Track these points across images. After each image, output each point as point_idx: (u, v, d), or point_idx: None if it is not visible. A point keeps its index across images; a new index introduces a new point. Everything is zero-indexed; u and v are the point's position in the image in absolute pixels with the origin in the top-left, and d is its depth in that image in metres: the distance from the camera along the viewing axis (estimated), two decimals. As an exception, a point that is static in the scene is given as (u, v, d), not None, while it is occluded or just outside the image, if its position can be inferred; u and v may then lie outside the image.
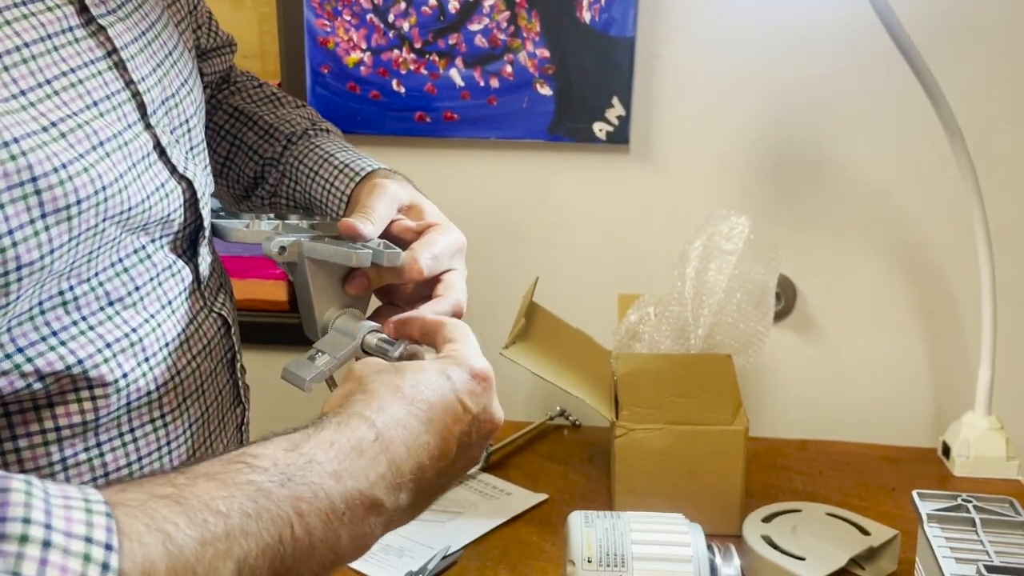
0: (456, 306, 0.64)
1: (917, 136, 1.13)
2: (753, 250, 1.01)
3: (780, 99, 1.15)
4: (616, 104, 1.15)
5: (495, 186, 1.22)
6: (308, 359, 0.62)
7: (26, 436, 0.52)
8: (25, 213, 0.46)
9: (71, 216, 0.49)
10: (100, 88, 0.53)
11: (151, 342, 0.57)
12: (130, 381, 0.55)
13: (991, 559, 0.65)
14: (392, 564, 0.86)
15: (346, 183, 0.71)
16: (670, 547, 0.70)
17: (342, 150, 0.74)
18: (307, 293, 0.64)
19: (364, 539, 0.47)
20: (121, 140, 0.53)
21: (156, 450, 0.59)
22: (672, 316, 1.03)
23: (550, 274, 1.19)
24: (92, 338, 0.53)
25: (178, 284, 0.60)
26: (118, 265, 0.55)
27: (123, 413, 0.56)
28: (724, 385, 0.95)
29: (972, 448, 1.06)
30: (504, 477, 1.04)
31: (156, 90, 0.59)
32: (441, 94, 1.18)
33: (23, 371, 0.50)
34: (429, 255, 0.64)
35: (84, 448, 0.55)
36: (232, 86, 0.83)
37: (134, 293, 0.56)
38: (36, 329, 0.51)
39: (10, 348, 0.50)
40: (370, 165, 0.72)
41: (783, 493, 1.01)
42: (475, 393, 0.53)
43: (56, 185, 0.47)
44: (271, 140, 0.77)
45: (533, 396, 1.24)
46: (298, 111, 0.81)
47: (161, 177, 0.58)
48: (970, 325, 1.17)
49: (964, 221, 1.07)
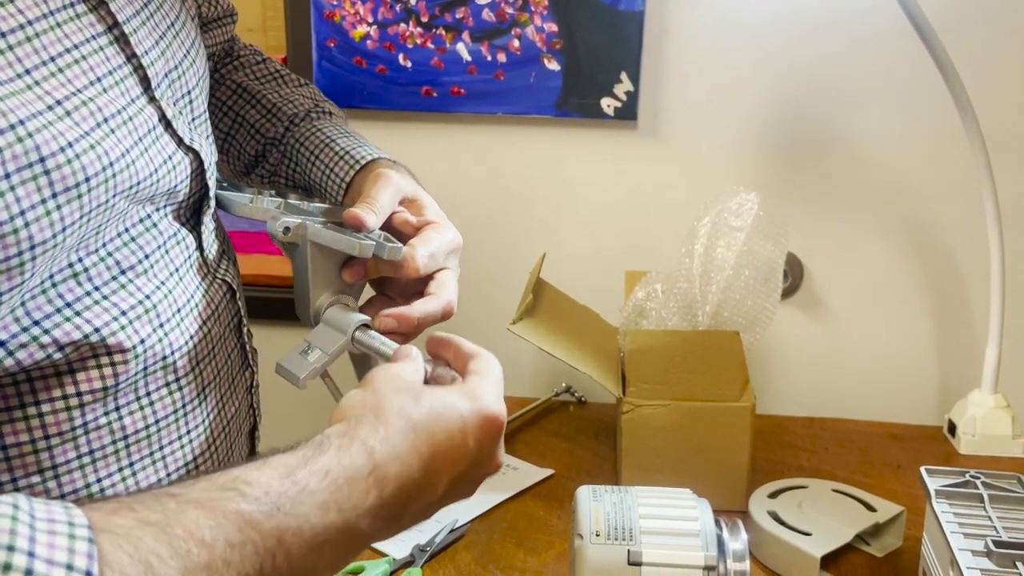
0: (447, 305, 0.66)
1: (929, 114, 1.12)
2: (762, 227, 1.01)
3: (790, 75, 1.14)
4: (624, 79, 1.15)
5: (502, 162, 1.21)
6: (301, 354, 0.63)
7: (49, 402, 0.53)
8: (36, 194, 0.47)
9: (81, 194, 0.49)
10: (102, 64, 0.53)
11: (164, 308, 0.58)
12: (147, 347, 0.56)
13: (999, 534, 0.65)
14: (399, 537, 0.87)
15: (346, 170, 0.72)
16: (678, 521, 0.71)
17: (343, 135, 0.75)
18: (304, 276, 0.65)
19: (340, 562, 0.48)
20: (125, 115, 0.54)
21: (172, 413, 0.60)
22: (680, 293, 1.03)
23: (557, 250, 1.19)
24: (107, 307, 0.54)
25: (183, 252, 0.61)
26: (125, 235, 0.56)
27: (140, 378, 0.56)
28: (731, 362, 0.95)
29: (978, 426, 1.07)
30: (511, 452, 1.05)
31: (159, 63, 0.59)
32: (448, 68, 1.17)
33: (41, 342, 0.51)
34: (426, 253, 0.66)
35: (104, 412, 0.56)
36: (235, 61, 0.82)
37: (144, 261, 0.57)
38: (50, 302, 0.52)
39: (26, 322, 0.51)
40: (371, 153, 0.73)
41: (789, 470, 1.01)
42: (483, 437, 0.53)
43: (64, 164, 0.48)
44: (273, 120, 0.78)
45: (539, 372, 1.24)
46: (301, 90, 0.81)
47: (168, 150, 0.58)
48: (977, 303, 1.16)
49: (974, 199, 1.07)
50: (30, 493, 0.53)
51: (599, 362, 0.98)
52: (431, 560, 0.84)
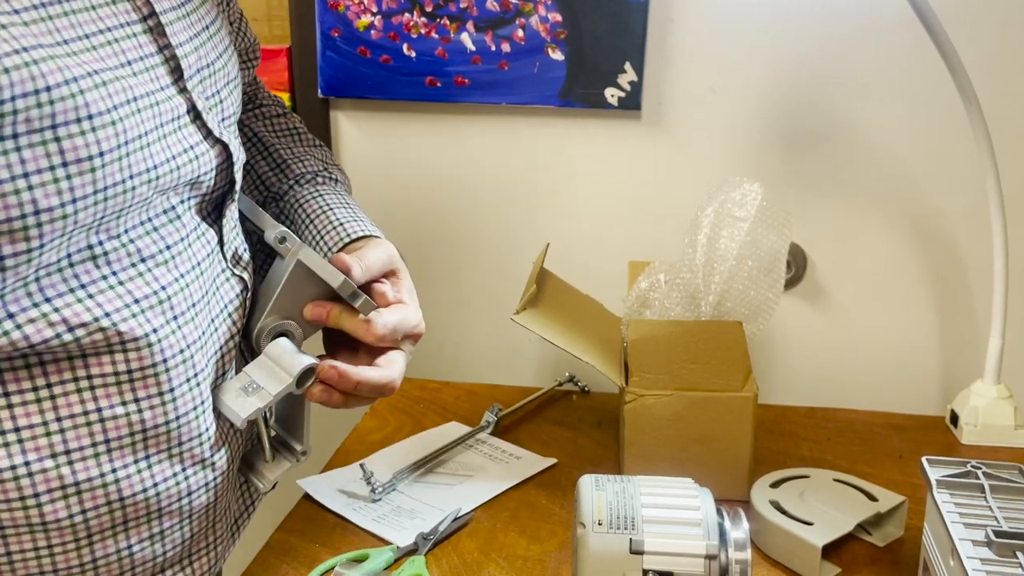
0: (389, 382, 0.67)
1: (932, 104, 1.12)
2: (765, 217, 1.01)
3: (794, 65, 1.14)
4: (628, 69, 1.14)
5: (505, 152, 1.22)
6: (242, 390, 0.63)
7: (60, 384, 0.54)
8: (44, 159, 0.48)
9: (94, 168, 0.50)
10: (134, 49, 0.55)
11: (179, 301, 0.58)
12: (160, 337, 0.57)
13: (1000, 524, 0.65)
14: (403, 525, 0.87)
15: (335, 240, 0.74)
16: (680, 511, 0.71)
17: (342, 206, 0.77)
18: (273, 291, 0.66)
19: None
20: (153, 99, 0.55)
21: (192, 409, 0.60)
22: (683, 283, 1.03)
23: (560, 240, 1.19)
24: (120, 293, 0.55)
25: (205, 247, 0.62)
26: (147, 224, 0.57)
27: (162, 371, 0.57)
28: (734, 352, 0.95)
29: (980, 416, 1.07)
30: (513, 442, 1.05)
31: (193, 56, 0.60)
32: (452, 58, 1.17)
33: (50, 320, 0.52)
34: (390, 324, 0.68)
35: (121, 402, 0.56)
36: (257, 109, 0.85)
37: (165, 252, 0.58)
38: (64, 281, 0.53)
39: (38, 297, 0.52)
40: (363, 229, 0.75)
41: (791, 460, 1.02)
42: None
43: (76, 135, 0.49)
44: (280, 175, 0.80)
45: (542, 362, 1.25)
46: (313, 151, 0.83)
47: (192, 140, 0.59)
48: (980, 294, 1.16)
49: (977, 189, 1.07)
50: (44, 480, 0.54)
51: (602, 352, 0.99)
52: (435, 548, 0.85)
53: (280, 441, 0.73)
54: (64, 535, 0.56)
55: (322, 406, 0.68)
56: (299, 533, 0.87)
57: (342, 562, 0.80)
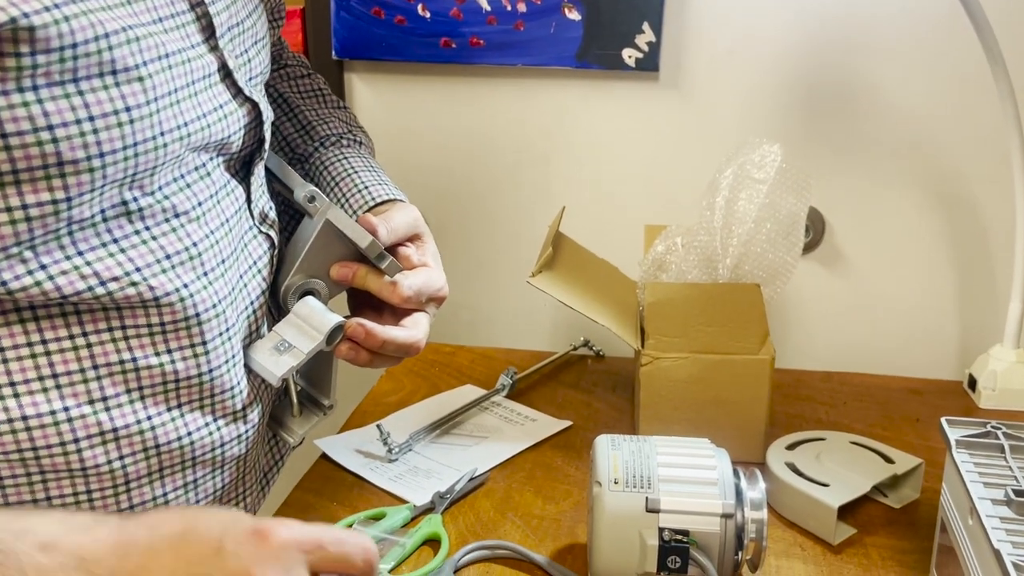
0: (415, 342, 0.68)
1: (956, 64, 1.09)
2: (784, 179, 1.00)
3: (814, 25, 1.12)
4: (646, 30, 1.13)
5: (521, 113, 1.20)
6: (274, 348, 0.64)
7: (95, 333, 0.55)
8: (69, 112, 0.48)
9: (121, 123, 0.51)
10: (167, 5, 0.55)
11: (209, 257, 0.59)
12: (192, 292, 0.58)
13: (1020, 484, 0.65)
14: (420, 485, 0.88)
15: (360, 203, 0.74)
16: (697, 470, 0.71)
17: (367, 169, 0.77)
18: (301, 249, 0.66)
19: None
20: (184, 56, 0.55)
21: (224, 363, 0.61)
22: (700, 246, 1.02)
23: (577, 203, 1.18)
24: (153, 248, 0.56)
25: (233, 203, 0.63)
26: (180, 181, 0.57)
27: (194, 325, 0.58)
28: (751, 315, 0.94)
29: (999, 381, 1.06)
30: (529, 404, 1.05)
31: (225, 14, 0.60)
32: (467, 19, 1.16)
33: (82, 272, 0.53)
34: (415, 286, 0.68)
35: (155, 353, 0.57)
36: (282, 70, 0.84)
37: (197, 208, 0.59)
38: (98, 235, 0.53)
39: (71, 251, 0.53)
40: (388, 193, 0.75)
41: (807, 423, 1.02)
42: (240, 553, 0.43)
43: (100, 89, 0.49)
44: (306, 137, 0.80)
45: (557, 326, 1.25)
46: (338, 112, 0.83)
47: (222, 98, 0.59)
48: (1001, 258, 1.15)
49: (1000, 152, 1.05)
50: (84, 425, 0.55)
51: (618, 315, 0.98)
52: (451, 507, 0.85)
53: (307, 396, 0.74)
54: (103, 481, 0.57)
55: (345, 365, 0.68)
56: (317, 492, 0.88)
57: (360, 520, 0.81)
